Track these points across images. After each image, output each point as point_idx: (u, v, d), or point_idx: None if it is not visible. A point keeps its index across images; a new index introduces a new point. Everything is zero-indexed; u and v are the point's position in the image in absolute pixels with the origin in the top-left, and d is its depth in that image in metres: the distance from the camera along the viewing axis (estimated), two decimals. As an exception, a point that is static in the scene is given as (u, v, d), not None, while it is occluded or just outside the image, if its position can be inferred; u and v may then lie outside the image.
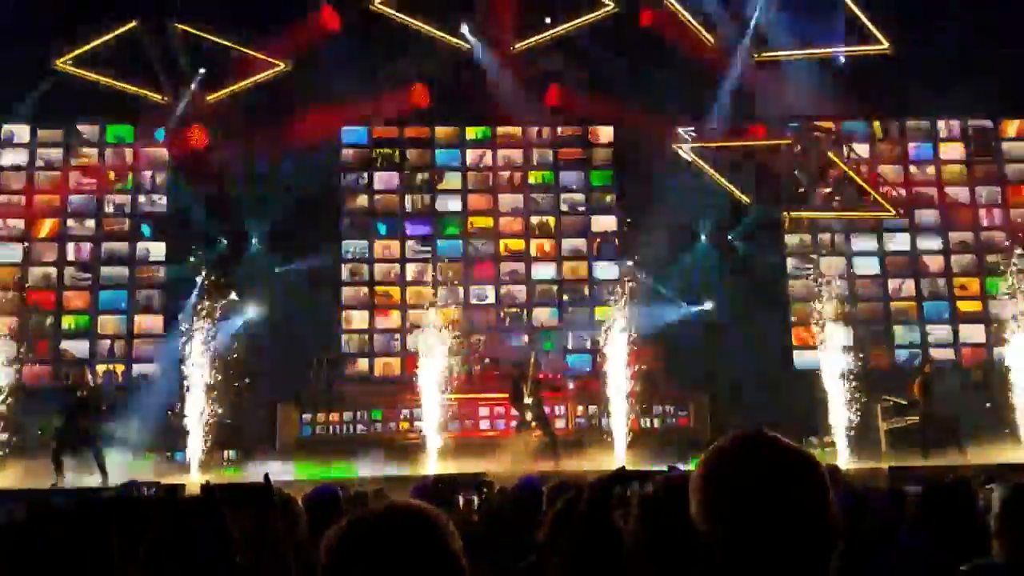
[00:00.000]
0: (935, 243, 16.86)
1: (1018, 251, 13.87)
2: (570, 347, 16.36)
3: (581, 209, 17.08)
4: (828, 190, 16.38)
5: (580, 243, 16.94)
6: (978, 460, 11.19)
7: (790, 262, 16.72)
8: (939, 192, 17.09)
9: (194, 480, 10.87)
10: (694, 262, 16.14)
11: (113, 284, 16.10)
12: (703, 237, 16.35)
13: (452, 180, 17.03)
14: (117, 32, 15.14)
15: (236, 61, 15.72)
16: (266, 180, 15.32)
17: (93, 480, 11.14)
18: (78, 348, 15.72)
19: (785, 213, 16.41)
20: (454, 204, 16.93)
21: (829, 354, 13.30)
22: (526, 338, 15.27)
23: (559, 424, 14.12)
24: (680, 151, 16.02)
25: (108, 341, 15.89)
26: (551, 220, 16.96)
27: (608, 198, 17.09)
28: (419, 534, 1.41)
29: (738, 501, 1.33)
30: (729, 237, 16.32)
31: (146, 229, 16.35)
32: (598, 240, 16.89)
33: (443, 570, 1.40)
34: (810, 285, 15.42)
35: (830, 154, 16.10)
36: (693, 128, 16.11)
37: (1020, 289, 13.38)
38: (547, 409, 13.43)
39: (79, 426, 11.55)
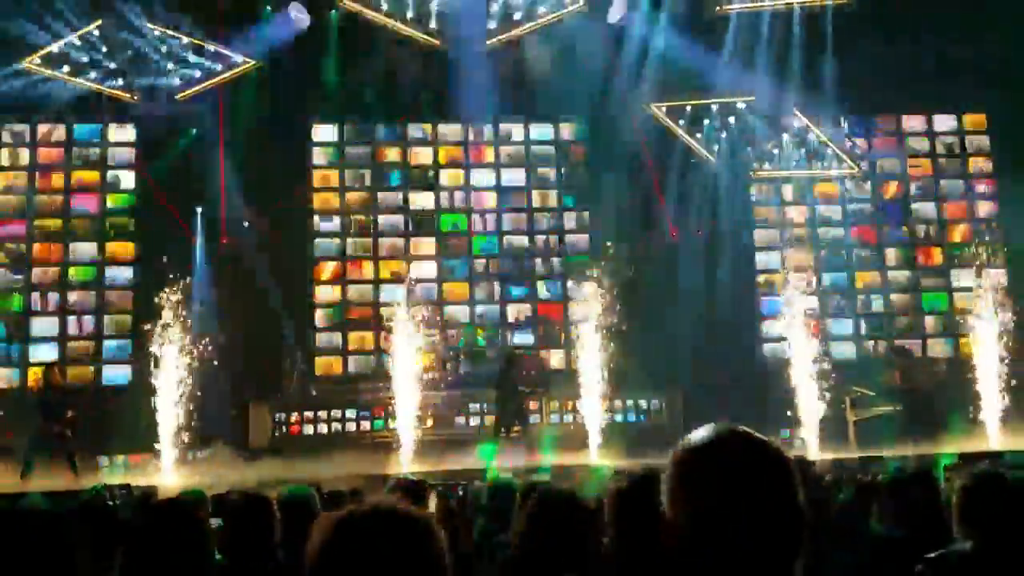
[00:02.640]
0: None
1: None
2: (542, 343, 16.44)
3: (553, 204, 17.13)
4: (791, 147, 16.56)
5: (552, 239, 16.98)
6: (948, 448, 11.35)
7: (759, 256, 16.94)
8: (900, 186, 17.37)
9: (167, 483, 10.76)
10: (665, 255, 16.21)
11: (81, 285, 15.89)
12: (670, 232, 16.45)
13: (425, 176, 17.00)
14: (85, 30, 14.91)
15: (206, 59, 15.56)
16: (236, 177, 15.16)
17: (60, 483, 10.98)
18: (47, 350, 15.48)
19: (752, 173, 16.70)
20: (426, 202, 16.89)
21: (798, 346, 13.45)
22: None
23: (532, 419, 14.17)
24: (650, 109, 16.14)
25: (77, 342, 15.69)
26: (523, 216, 16.99)
27: (580, 191, 17.16)
28: (411, 536, 1.39)
29: (709, 494, 1.36)
30: (699, 232, 16.43)
31: (114, 229, 16.15)
32: (568, 235, 16.95)
33: (434, 572, 1.39)
34: (779, 278, 15.64)
35: (794, 109, 16.25)
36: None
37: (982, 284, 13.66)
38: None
39: (51, 428, 11.42)
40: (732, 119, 16.61)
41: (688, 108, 16.50)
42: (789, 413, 13.26)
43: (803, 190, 17.12)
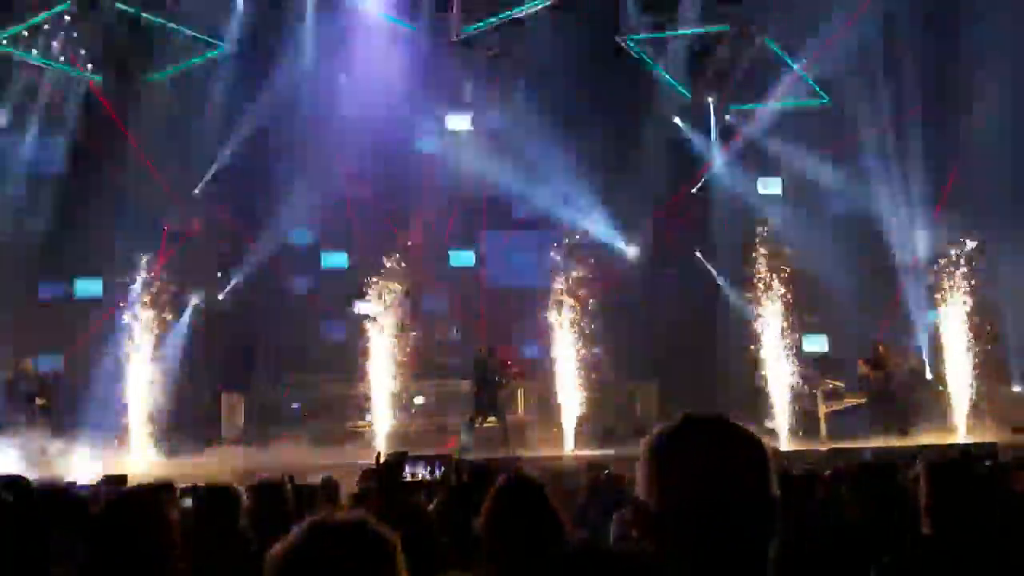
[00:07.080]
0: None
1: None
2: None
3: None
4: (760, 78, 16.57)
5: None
6: (917, 441, 11.52)
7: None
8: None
9: (137, 472, 10.64)
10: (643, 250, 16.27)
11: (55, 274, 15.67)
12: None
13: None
14: (51, 11, 14.62)
15: (174, 42, 15.33)
16: (208, 162, 15.00)
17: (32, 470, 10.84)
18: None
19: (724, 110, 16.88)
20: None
21: (770, 338, 13.54)
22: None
23: (508, 410, 14.17)
24: (624, 44, 16.12)
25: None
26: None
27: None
28: (367, 559, 1.39)
29: (684, 478, 1.35)
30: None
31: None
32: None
33: None
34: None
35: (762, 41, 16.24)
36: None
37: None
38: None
39: (21, 415, 11.33)
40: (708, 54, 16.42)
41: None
42: (761, 404, 13.36)
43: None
